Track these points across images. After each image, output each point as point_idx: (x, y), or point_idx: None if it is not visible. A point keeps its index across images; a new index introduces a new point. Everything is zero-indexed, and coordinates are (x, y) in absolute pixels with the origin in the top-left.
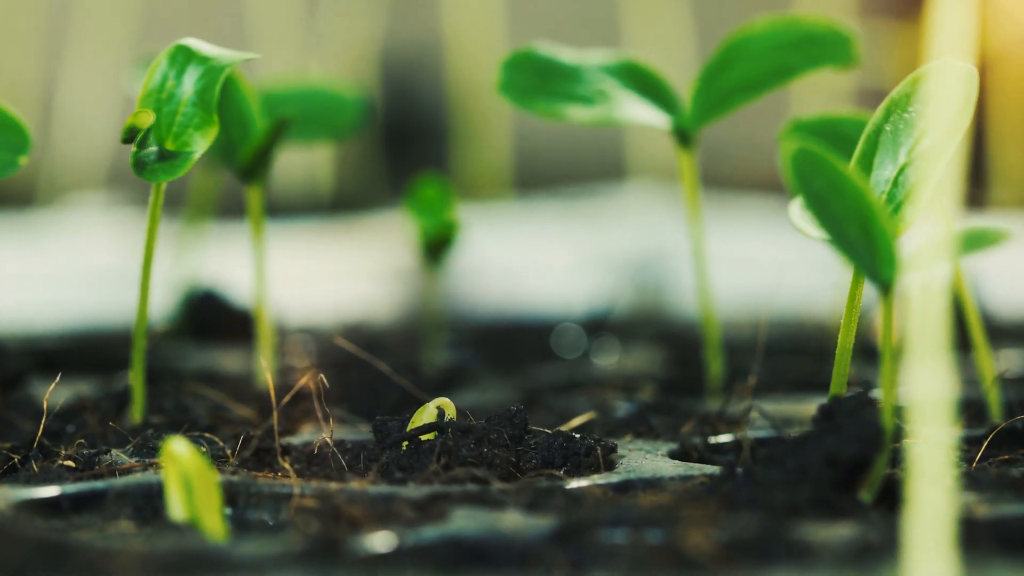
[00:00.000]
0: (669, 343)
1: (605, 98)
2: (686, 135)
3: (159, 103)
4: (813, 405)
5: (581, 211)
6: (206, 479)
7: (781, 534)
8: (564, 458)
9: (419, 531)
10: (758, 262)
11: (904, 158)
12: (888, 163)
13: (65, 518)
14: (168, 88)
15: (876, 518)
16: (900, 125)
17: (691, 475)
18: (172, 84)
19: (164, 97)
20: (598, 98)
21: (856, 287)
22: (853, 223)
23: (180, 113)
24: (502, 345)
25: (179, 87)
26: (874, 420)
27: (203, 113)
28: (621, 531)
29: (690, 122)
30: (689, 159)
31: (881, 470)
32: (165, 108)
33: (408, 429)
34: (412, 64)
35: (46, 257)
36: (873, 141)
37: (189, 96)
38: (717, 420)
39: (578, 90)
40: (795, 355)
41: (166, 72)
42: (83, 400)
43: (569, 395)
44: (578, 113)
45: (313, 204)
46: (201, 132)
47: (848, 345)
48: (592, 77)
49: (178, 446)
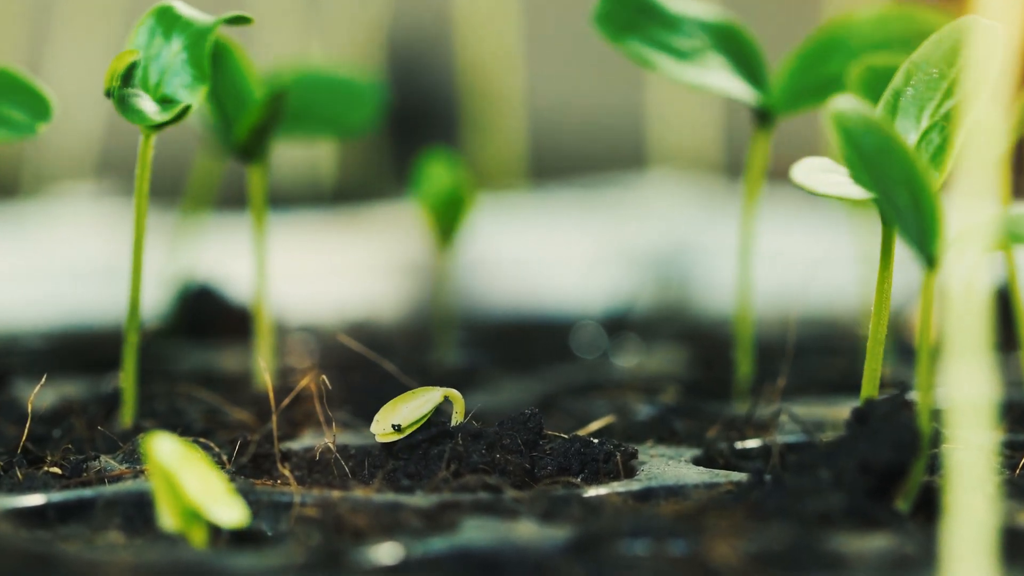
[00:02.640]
0: (693, 342)
1: (697, 57)
2: (769, 117)
3: (147, 60)
4: (846, 408)
5: (600, 202)
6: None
7: (812, 545)
8: (581, 464)
9: (427, 542)
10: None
11: (927, 121)
12: (910, 126)
13: (51, 528)
14: (156, 45)
15: (913, 528)
16: (922, 87)
17: (717, 482)
18: (160, 41)
19: (152, 54)
20: (691, 55)
21: (885, 269)
22: (902, 189)
23: (168, 71)
24: (516, 344)
25: (167, 44)
26: (911, 424)
27: (194, 69)
28: (642, 542)
29: (778, 104)
30: (764, 143)
31: (918, 477)
32: (152, 65)
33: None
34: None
35: (31, 251)
36: (893, 105)
37: (178, 52)
38: (744, 424)
39: (674, 41)
40: (827, 355)
41: (153, 28)
42: (70, 403)
43: (587, 397)
44: (668, 66)
45: (315, 194)
46: (191, 89)
47: (880, 337)
48: (690, 30)
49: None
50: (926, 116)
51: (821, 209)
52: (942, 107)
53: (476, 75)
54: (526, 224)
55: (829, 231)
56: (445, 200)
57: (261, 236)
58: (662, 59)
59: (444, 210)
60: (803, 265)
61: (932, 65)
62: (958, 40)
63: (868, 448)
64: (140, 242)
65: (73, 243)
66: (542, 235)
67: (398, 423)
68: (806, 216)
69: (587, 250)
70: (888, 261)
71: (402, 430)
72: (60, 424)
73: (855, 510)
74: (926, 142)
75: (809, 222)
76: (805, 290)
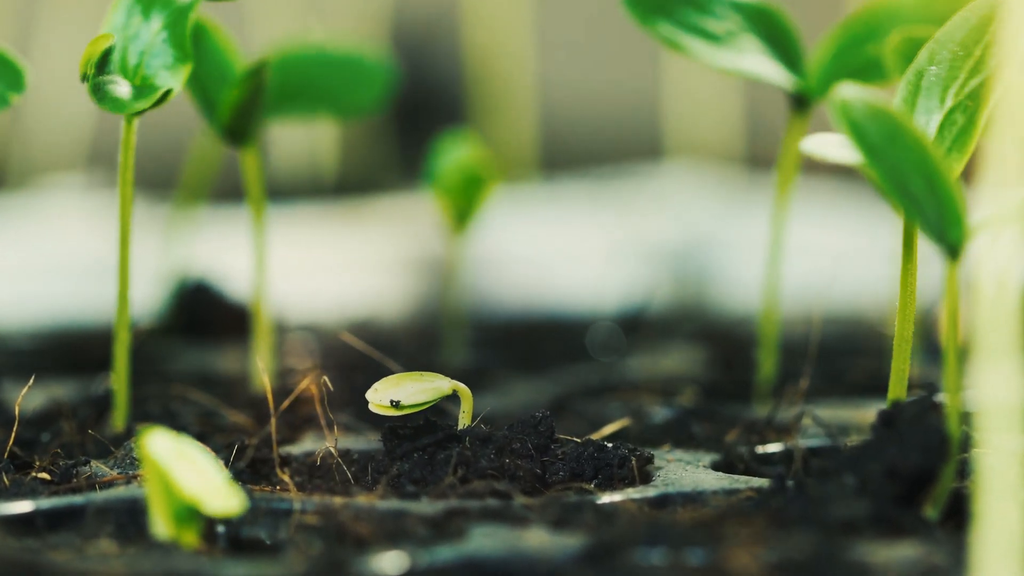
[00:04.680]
0: (712, 341)
1: (730, 40)
2: (806, 102)
3: (125, 41)
4: (872, 411)
5: (614, 195)
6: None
7: (837, 554)
8: (595, 470)
9: (433, 551)
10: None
11: (952, 100)
12: (934, 107)
13: (39, 536)
14: (135, 25)
15: (942, 536)
16: (946, 65)
17: (736, 489)
18: (139, 20)
19: (130, 34)
20: (724, 38)
21: (909, 262)
22: (916, 177)
23: (148, 52)
24: (527, 344)
25: (147, 23)
26: (940, 427)
27: (175, 49)
28: (658, 551)
29: (815, 88)
30: (800, 130)
31: (948, 483)
32: (131, 46)
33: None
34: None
35: (17, 246)
36: (915, 84)
37: (158, 32)
38: (765, 427)
39: (706, 24)
40: (853, 355)
41: (132, 7)
42: (59, 405)
43: (601, 400)
44: (700, 50)
45: (316, 186)
46: (172, 69)
47: (907, 335)
48: (723, 12)
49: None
50: (950, 96)
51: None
52: (967, 86)
53: (484, 62)
54: (537, 218)
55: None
56: (463, 180)
57: (260, 228)
58: (693, 42)
59: (461, 191)
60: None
61: (957, 42)
62: (985, 16)
63: (895, 453)
64: (126, 234)
65: (62, 237)
66: (554, 229)
67: (397, 399)
68: (832, 209)
69: (601, 245)
70: (911, 254)
71: (400, 408)
72: (49, 427)
73: (881, 518)
74: (949, 123)
75: (835, 215)
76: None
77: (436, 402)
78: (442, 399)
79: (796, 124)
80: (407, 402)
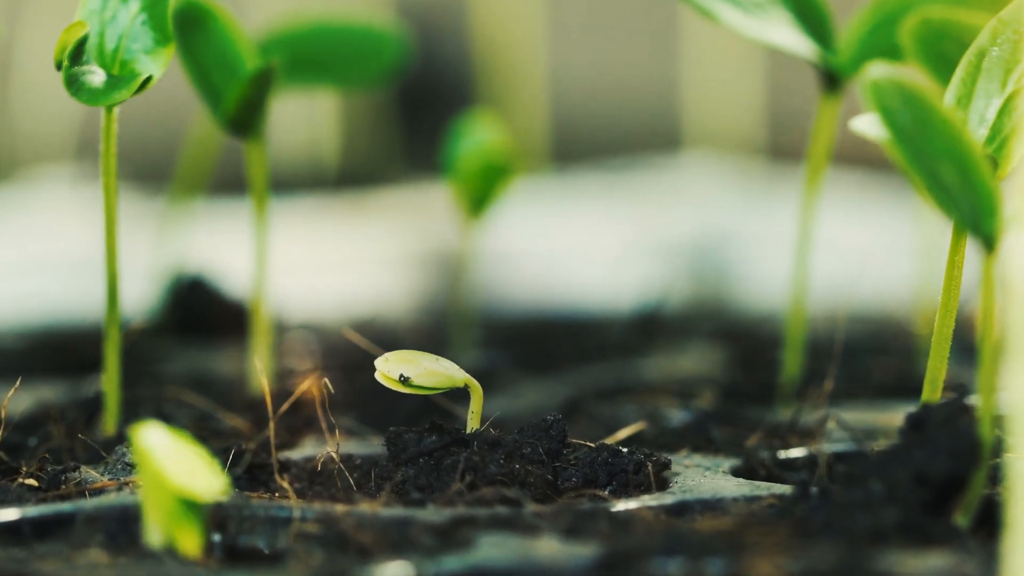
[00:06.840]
0: (732, 341)
1: (761, 9)
2: (836, 80)
3: (102, 24)
4: (900, 414)
5: (629, 187)
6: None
7: (863, 564)
8: (609, 476)
9: (439, 561)
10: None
11: (1013, 86)
12: (994, 90)
13: (26, 546)
14: (112, 7)
15: (973, 545)
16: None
17: (758, 496)
18: (116, 2)
19: (108, 18)
20: (755, 8)
21: (955, 256)
22: (948, 165)
23: (127, 36)
24: (539, 344)
25: (124, 5)
26: (971, 431)
27: (155, 32)
28: (676, 561)
29: (847, 65)
30: (831, 112)
31: (979, 490)
32: (109, 30)
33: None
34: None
35: (5, 242)
36: (975, 66)
37: (136, 15)
38: (788, 431)
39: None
40: (879, 355)
41: None
42: (48, 408)
43: (615, 402)
44: (731, 17)
45: (317, 178)
46: (152, 54)
47: (947, 334)
48: None
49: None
50: (1012, 80)
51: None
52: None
53: (494, 48)
54: (549, 212)
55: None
56: (483, 166)
57: (262, 223)
58: (725, 9)
59: (480, 178)
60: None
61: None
62: None
63: (924, 458)
64: (112, 226)
65: (51, 233)
66: (567, 224)
67: (408, 376)
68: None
69: (616, 240)
70: (958, 248)
71: (407, 385)
72: (37, 431)
73: (909, 526)
74: (1009, 109)
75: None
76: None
77: (445, 390)
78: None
79: (827, 107)
80: (417, 381)
